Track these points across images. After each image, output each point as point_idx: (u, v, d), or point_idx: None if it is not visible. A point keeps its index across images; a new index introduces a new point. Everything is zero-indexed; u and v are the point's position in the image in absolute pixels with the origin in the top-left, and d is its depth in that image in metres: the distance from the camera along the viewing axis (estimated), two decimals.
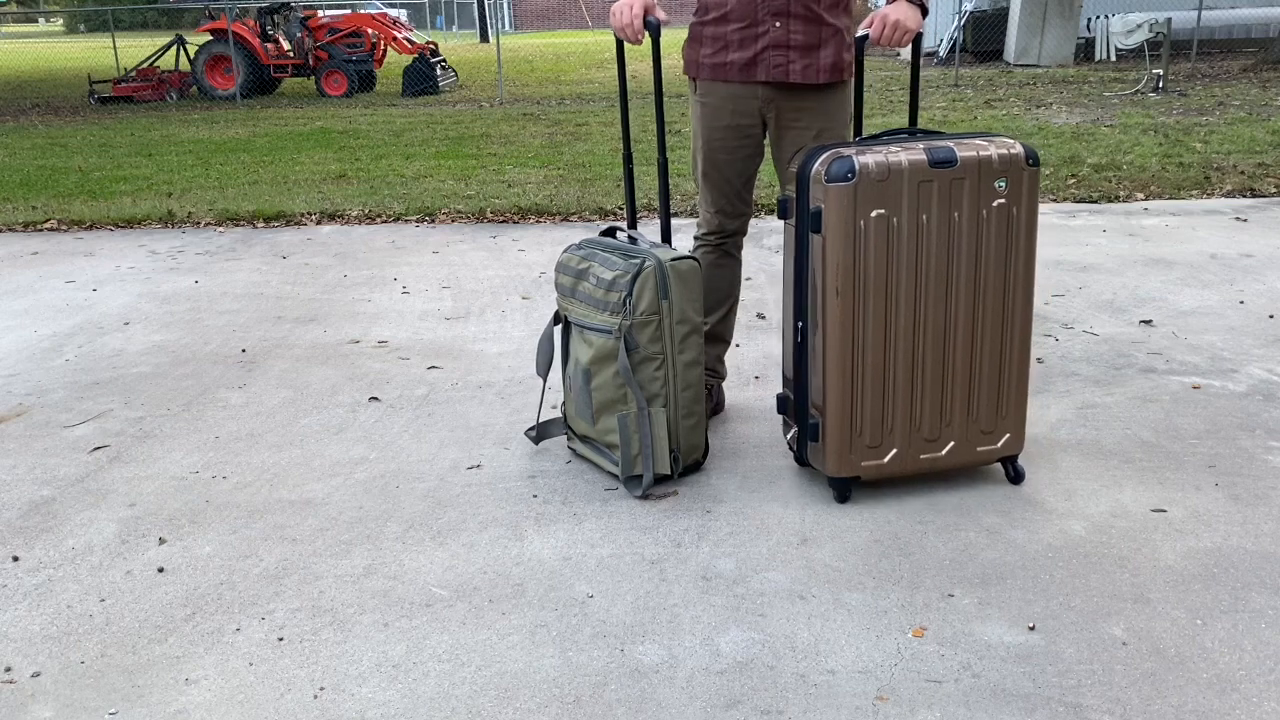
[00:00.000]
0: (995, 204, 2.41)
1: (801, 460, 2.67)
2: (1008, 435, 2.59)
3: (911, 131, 2.50)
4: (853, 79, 2.76)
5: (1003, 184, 2.40)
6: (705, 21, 2.76)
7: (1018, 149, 2.41)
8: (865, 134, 2.62)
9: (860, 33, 2.65)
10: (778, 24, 2.66)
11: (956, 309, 2.46)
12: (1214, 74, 12.89)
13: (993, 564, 2.29)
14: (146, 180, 7.73)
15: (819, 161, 2.37)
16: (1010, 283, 2.48)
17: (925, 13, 2.60)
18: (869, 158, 2.34)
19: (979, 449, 2.58)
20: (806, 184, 2.40)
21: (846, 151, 2.37)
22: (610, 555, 2.37)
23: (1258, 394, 3.17)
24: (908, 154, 2.36)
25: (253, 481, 2.81)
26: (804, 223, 2.43)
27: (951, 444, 2.55)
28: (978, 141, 2.42)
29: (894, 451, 2.53)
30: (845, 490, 2.57)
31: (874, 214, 2.35)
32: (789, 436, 2.70)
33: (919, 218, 2.38)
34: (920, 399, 2.50)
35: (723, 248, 2.96)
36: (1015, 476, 2.66)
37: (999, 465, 2.72)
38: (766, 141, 2.85)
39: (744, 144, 2.82)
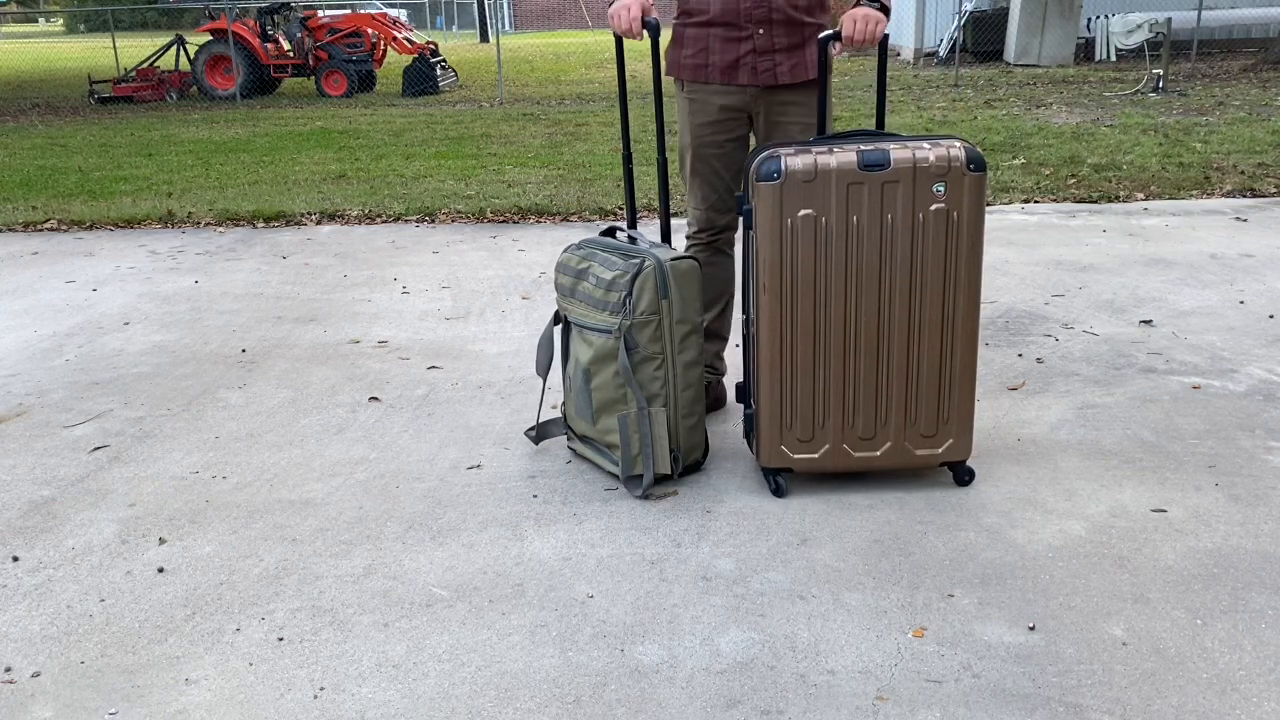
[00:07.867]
0: (933, 208, 2.40)
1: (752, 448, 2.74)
2: (950, 440, 2.57)
3: (876, 133, 2.52)
4: (831, 74, 2.78)
5: (941, 188, 2.39)
6: (688, 24, 2.80)
7: (959, 153, 2.38)
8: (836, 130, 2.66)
9: (825, 33, 2.65)
10: (760, 31, 2.70)
11: (891, 311, 2.46)
12: (1214, 74, 12.88)
13: (993, 564, 2.29)
14: (146, 180, 7.73)
15: (757, 160, 2.41)
16: (951, 287, 2.46)
17: (887, 13, 2.57)
18: (799, 158, 2.36)
19: (919, 452, 2.58)
20: (749, 182, 2.45)
21: (782, 151, 2.40)
22: (610, 555, 2.38)
23: (1258, 394, 3.17)
24: (839, 156, 2.37)
25: (253, 481, 2.81)
26: (745, 220, 2.49)
27: (889, 444, 2.56)
28: (919, 144, 2.41)
29: (826, 447, 2.56)
30: (777, 481, 2.61)
31: (801, 214, 2.38)
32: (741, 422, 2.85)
33: (849, 219, 2.39)
34: (854, 397, 2.52)
35: (715, 245, 2.98)
36: (962, 480, 2.65)
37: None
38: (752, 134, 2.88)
39: (731, 137, 2.86)
